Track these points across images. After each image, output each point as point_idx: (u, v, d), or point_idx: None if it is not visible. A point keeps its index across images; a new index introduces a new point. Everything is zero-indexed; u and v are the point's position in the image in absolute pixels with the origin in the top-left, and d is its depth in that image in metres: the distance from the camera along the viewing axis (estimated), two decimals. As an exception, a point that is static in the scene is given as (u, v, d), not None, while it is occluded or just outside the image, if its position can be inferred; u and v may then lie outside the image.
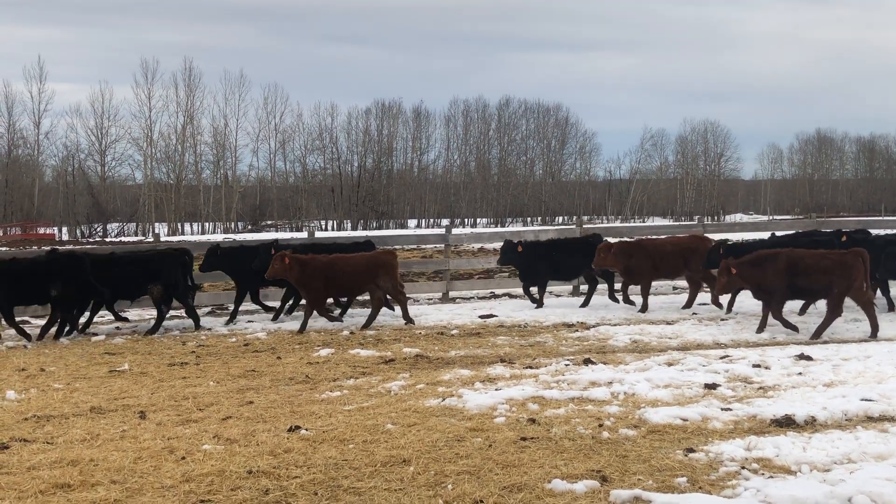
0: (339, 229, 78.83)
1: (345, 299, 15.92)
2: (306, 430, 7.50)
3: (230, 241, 20.61)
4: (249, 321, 15.44)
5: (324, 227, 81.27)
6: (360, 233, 63.92)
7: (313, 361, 11.15)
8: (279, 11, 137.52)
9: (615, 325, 13.92)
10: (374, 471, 6.38)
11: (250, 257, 15.48)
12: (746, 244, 15.95)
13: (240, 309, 15.74)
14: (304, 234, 24.85)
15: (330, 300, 15.43)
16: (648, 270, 15.73)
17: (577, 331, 13.45)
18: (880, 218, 59.81)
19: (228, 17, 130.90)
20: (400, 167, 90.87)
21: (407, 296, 15.29)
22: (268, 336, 13.53)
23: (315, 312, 14.34)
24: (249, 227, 76.64)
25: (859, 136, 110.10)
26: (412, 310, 15.31)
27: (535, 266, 16.53)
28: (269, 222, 79.86)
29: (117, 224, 72.62)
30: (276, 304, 15.95)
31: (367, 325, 14.13)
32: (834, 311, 12.38)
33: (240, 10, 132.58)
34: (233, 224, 76.96)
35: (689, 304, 15.79)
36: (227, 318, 15.52)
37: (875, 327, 12.33)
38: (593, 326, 13.80)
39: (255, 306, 16.47)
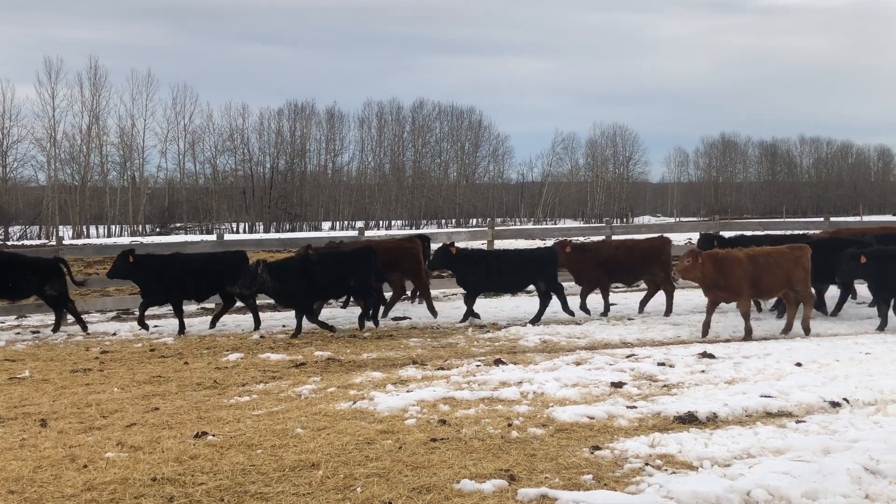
0: (251, 232, 77.66)
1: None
2: (213, 435, 7.38)
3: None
4: (156, 326, 15.12)
5: (235, 229, 80.00)
6: (272, 235, 63.07)
7: (222, 366, 10.97)
8: (189, 10, 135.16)
9: (526, 325, 14.07)
10: (282, 476, 6.31)
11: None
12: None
13: (147, 313, 15.36)
14: (213, 237, 24.41)
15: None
16: None
17: (488, 332, 13.55)
18: (781, 220, 61.87)
19: (136, 15, 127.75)
20: (313, 169, 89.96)
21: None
22: (175, 341, 13.27)
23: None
24: (158, 229, 74.93)
25: (762, 140, 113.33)
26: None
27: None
28: (178, 225, 78.18)
29: (19, 227, 70.25)
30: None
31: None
32: None
33: (148, 8, 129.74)
34: (140, 227, 75.07)
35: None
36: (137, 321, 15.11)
37: None
38: (504, 327, 13.93)
39: (164, 310, 16.11)
